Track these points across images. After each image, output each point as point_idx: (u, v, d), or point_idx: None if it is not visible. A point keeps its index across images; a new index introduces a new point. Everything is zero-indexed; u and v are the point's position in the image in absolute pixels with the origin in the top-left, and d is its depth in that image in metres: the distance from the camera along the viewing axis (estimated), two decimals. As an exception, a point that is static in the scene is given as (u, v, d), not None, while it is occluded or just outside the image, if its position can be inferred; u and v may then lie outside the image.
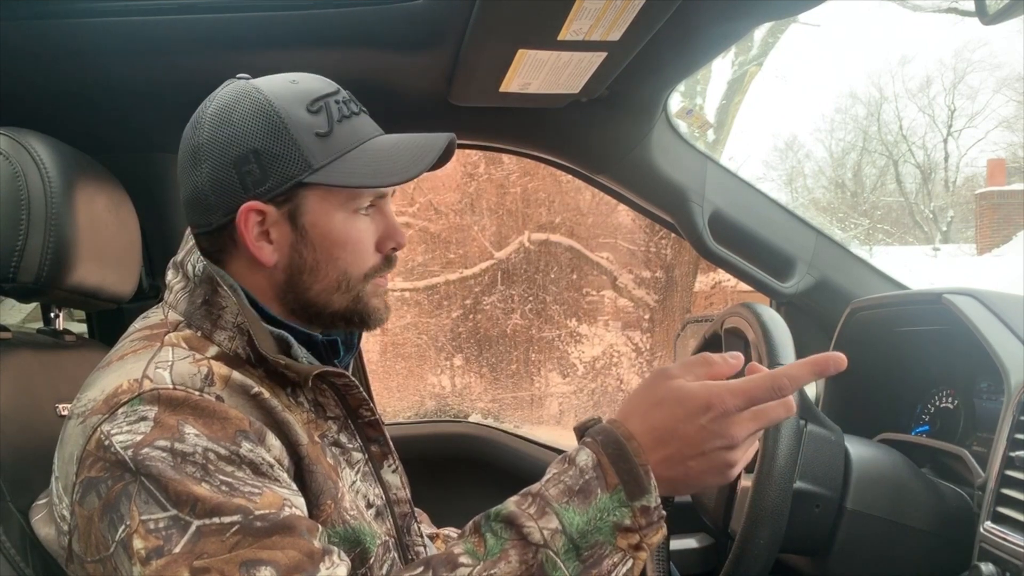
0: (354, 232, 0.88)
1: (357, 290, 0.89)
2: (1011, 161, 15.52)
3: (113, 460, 0.72)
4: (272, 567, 0.70)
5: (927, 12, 8.64)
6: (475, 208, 6.97)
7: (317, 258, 0.87)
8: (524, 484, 1.83)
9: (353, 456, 0.88)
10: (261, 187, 0.83)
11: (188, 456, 0.71)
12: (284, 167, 0.83)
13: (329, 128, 0.84)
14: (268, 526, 0.71)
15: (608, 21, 1.10)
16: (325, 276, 0.87)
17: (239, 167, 0.83)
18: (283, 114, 0.83)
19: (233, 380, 0.79)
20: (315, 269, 0.87)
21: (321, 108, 0.85)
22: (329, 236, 0.87)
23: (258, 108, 0.83)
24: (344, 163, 0.84)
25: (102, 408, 0.75)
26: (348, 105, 0.88)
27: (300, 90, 0.85)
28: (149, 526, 0.69)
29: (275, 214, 0.85)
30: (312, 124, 0.84)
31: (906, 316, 1.34)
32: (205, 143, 0.84)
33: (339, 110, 0.86)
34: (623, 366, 7.11)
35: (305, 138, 0.83)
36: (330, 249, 0.87)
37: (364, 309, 0.90)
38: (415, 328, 6.95)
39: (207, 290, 0.84)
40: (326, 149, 0.84)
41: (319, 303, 0.88)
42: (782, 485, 0.91)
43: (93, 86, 1.29)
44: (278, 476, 0.76)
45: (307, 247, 0.86)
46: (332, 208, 0.86)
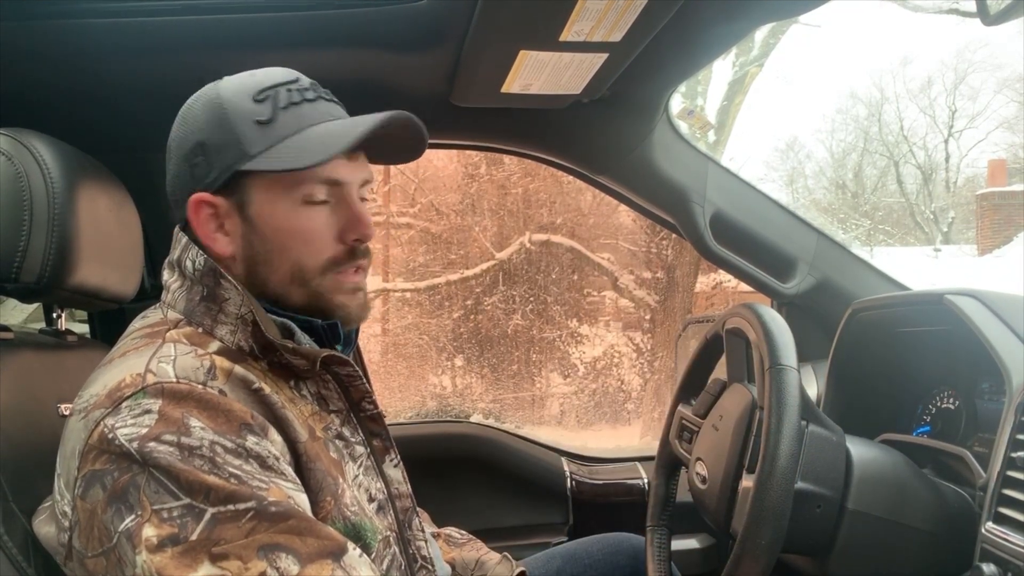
0: (304, 221, 0.86)
1: (315, 284, 0.87)
2: (1012, 162, 15.51)
3: (118, 452, 0.72)
4: (293, 555, 0.70)
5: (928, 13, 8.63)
6: (476, 209, 6.98)
7: (269, 249, 0.86)
8: (524, 484, 1.84)
9: (356, 450, 0.89)
10: (207, 179, 0.85)
11: (195, 449, 0.72)
12: (224, 157, 0.84)
13: (271, 116, 0.84)
14: (284, 511, 0.72)
15: (610, 22, 1.10)
16: (279, 267, 0.86)
17: (189, 160, 0.86)
18: (227, 105, 0.84)
19: (235, 374, 0.79)
20: (268, 260, 0.86)
21: (267, 97, 0.85)
22: (277, 226, 0.85)
23: (207, 102, 0.86)
24: (279, 150, 0.83)
25: (105, 402, 0.75)
26: (303, 92, 0.87)
27: (253, 81, 0.86)
28: (162, 515, 0.69)
29: (225, 205, 0.86)
30: (253, 113, 0.84)
31: (907, 317, 1.34)
32: (171, 141, 0.88)
33: (288, 97, 0.85)
34: (624, 366, 7.12)
35: (244, 127, 0.83)
36: (280, 239, 0.86)
37: (326, 305, 0.88)
38: (416, 328, 6.95)
39: (208, 283, 0.85)
40: (265, 137, 0.83)
41: (278, 295, 0.87)
42: (783, 485, 0.91)
43: (95, 86, 1.29)
44: (283, 470, 0.77)
45: (258, 238, 0.86)
46: (277, 197, 0.85)
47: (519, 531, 1.82)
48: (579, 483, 1.86)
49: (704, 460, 1.13)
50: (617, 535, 1.36)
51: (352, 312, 0.90)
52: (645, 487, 1.84)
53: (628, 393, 7.08)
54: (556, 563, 1.30)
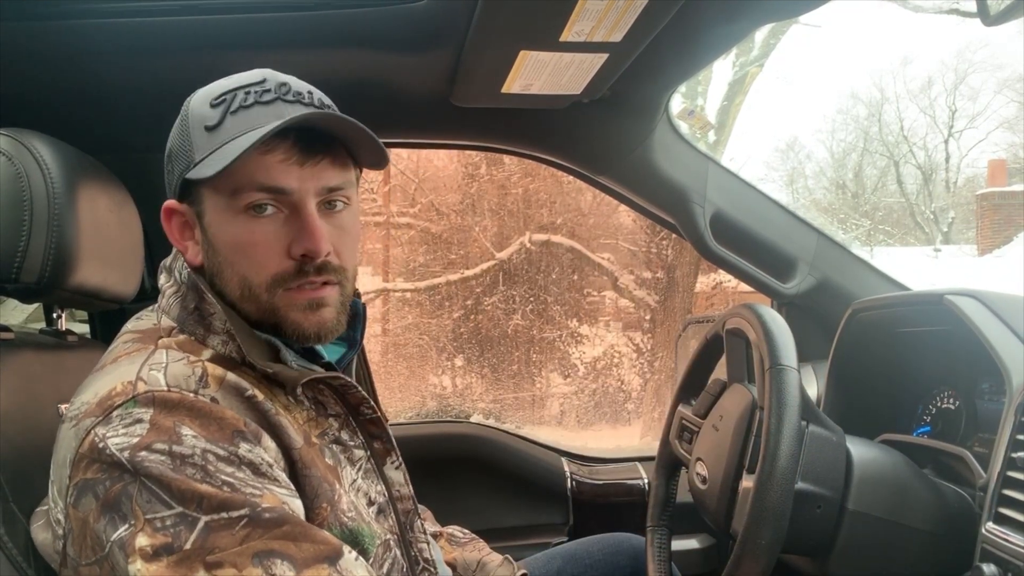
0: (246, 233, 0.80)
1: (264, 300, 0.82)
2: (1012, 162, 15.50)
3: (109, 462, 0.71)
4: (288, 561, 0.70)
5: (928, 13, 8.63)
6: (476, 209, 6.98)
7: (220, 261, 0.83)
8: (525, 484, 1.83)
9: (355, 453, 0.88)
10: (172, 186, 0.85)
11: (187, 458, 0.71)
12: (179, 164, 0.83)
13: (219, 120, 0.80)
14: (277, 517, 0.72)
15: (610, 22, 1.10)
16: (230, 280, 0.83)
17: (166, 167, 0.86)
18: (189, 112, 0.83)
19: (227, 381, 0.78)
20: (221, 273, 0.83)
21: (223, 101, 0.81)
22: (223, 238, 0.82)
23: (182, 110, 0.85)
24: (216, 155, 0.78)
25: (95, 411, 0.75)
26: (261, 95, 0.81)
27: (219, 85, 0.84)
28: (155, 524, 0.69)
29: (189, 213, 0.85)
30: (205, 118, 0.81)
31: (907, 317, 1.34)
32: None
33: (242, 100, 0.80)
34: (624, 367, 7.12)
35: (196, 133, 0.81)
36: (226, 252, 0.82)
37: (279, 322, 0.83)
38: (416, 329, 6.95)
39: (195, 297, 0.84)
40: (209, 142, 0.80)
41: (239, 309, 0.83)
42: (784, 486, 0.91)
43: (95, 87, 1.29)
44: (276, 476, 0.76)
45: (212, 249, 0.83)
46: (222, 206, 0.81)
47: (519, 531, 1.82)
48: (579, 483, 1.86)
49: (704, 460, 1.13)
50: (617, 535, 1.36)
51: (307, 330, 0.83)
52: (645, 487, 1.84)
53: (628, 393, 7.08)
54: (556, 563, 1.30)
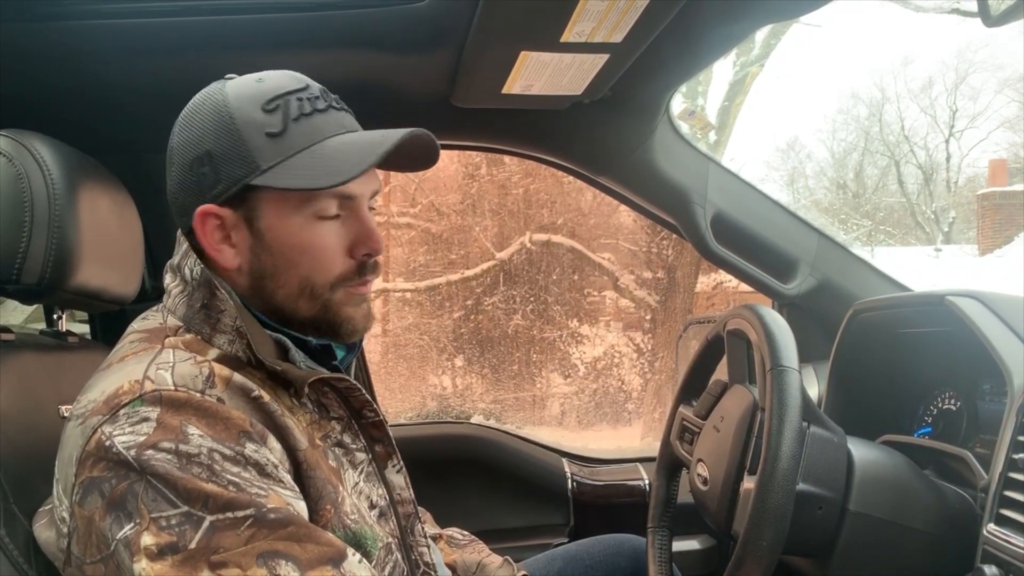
0: (316, 238, 0.84)
1: (325, 298, 0.85)
2: (1013, 162, 15.50)
3: (116, 460, 0.71)
4: (292, 562, 0.70)
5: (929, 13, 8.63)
6: (477, 209, 6.98)
7: (276, 264, 0.84)
8: (525, 485, 1.83)
9: (356, 456, 0.88)
10: (214, 190, 0.82)
11: (193, 457, 0.71)
12: (234, 169, 0.81)
13: (283, 127, 0.81)
14: (283, 518, 0.72)
15: (611, 23, 1.10)
16: (287, 282, 0.84)
17: (195, 169, 0.82)
18: (236, 115, 0.81)
19: (234, 382, 0.78)
20: (275, 275, 0.84)
21: (277, 107, 0.82)
22: (287, 241, 0.83)
23: (214, 110, 0.82)
24: (293, 163, 0.80)
25: (102, 409, 0.75)
26: (314, 102, 0.84)
27: (261, 89, 0.83)
28: (161, 523, 0.69)
29: (232, 217, 0.83)
30: (264, 124, 0.81)
31: (908, 318, 1.33)
32: (175, 146, 0.85)
33: (299, 107, 0.82)
34: (624, 367, 7.12)
35: (255, 138, 0.81)
36: (289, 255, 0.83)
37: (334, 318, 0.86)
38: (417, 329, 6.95)
39: (205, 294, 0.84)
40: (277, 149, 0.81)
41: (286, 309, 0.85)
42: (785, 487, 0.91)
43: (95, 87, 1.29)
44: (281, 478, 0.76)
45: (265, 252, 0.84)
46: (288, 212, 0.83)
47: (520, 532, 1.82)
48: (580, 484, 1.86)
49: (705, 461, 1.13)
50: (618, 536, 1.36)
51: (358, 324, 0.88)
52: (646, 488, 1.84)
53: (628, 393, 7.09)
54: (557, 564, 1.30)
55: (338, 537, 0.78)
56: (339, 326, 0.87)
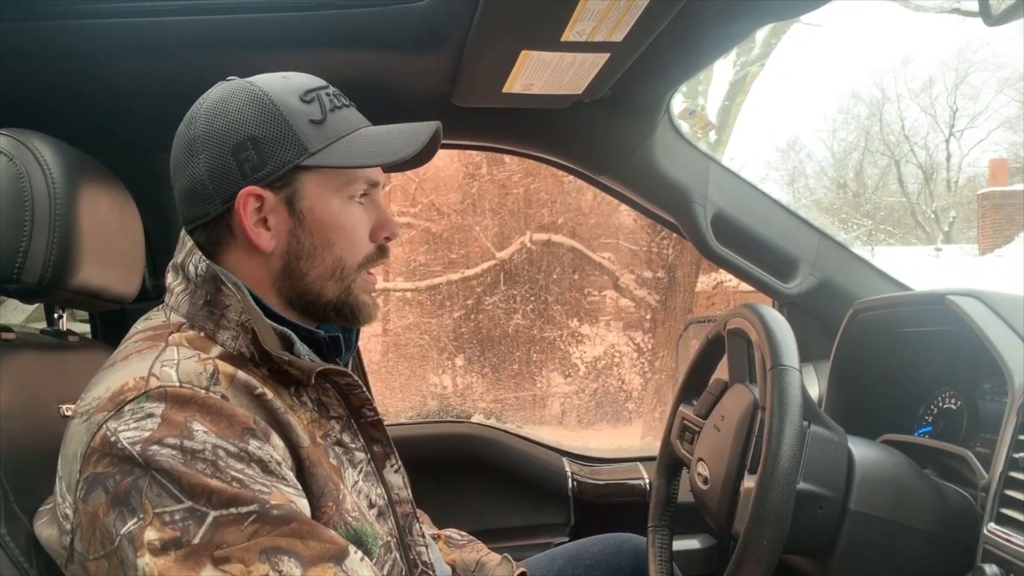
0: (349, 218, 0.90)
1: (350, 280, 0.91)
2: (1013, 161, 15.51)
3: (121, 456, 0.72)
4: (295, 558, 0.71)
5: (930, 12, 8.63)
6: (477, 208, 6.98)
7: (314, 243, 0.88)
8: (526, 485, 1.83)
9: (356, 456, 0.89)
10: (259, 172, 0.85)
11: (198, 453, 0.72)
12: (281, 152, 0.85)
13: (323, 116, 0.87)
14: (286, 514, 0.72)
15: (611, 22, 1.10)
16: (322, 262, 0.89)
17: (237, 154, 0.85)
18: (278, 103, 0.86)
19: (238, 379, 0.79)
20: (312, 255, 0.88)
21: (314, 99, 0.88)
22: (326, 221, 0.88)
23: (254, 98, 0.86)
24: (339, 147, 0.87)
25: (107, 405, 0.75)
26: (339, 98, 0.91)
27: (292, 83, 0.88)
28: (164, 518, 0.69)
29: (273, 199, 0.86)
30: (306, 112, 0.86)
31: (909, 317, 1.33)
32: (201, 135, 0.86)
33: (330, 101, 0.89)
34: (624, 366, 7.12)
35: (300, 124, 0.86)
36: (327, 234, 0.89)
37: (354, 302, 0.92)
38: (417, 328, 6.96)
39: (210, 289, 0.84)
40: (321, 135, 0.86)
41: (314, 291, 0.90)
42: (785, 486, 0.91)
43: (96, 87, 1.29)
44: (284, 475, 0.77)
45: (304, 232, 0.88)
46: (328, 193, 0.88)
47: (520, 531, 1.82)
48: (580, 483, 1.86)
49: (706, 461, 1.13)
50: (618, 535, 1.36)
51: (371, 311, 0.94)
52: (647, 487, 1.84)
53: (629, 393, 7.09)
54: (557, 563, 1.30)
55: (340, 534, 0.79)
56: (359, 309, 0.93)
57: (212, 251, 0.88)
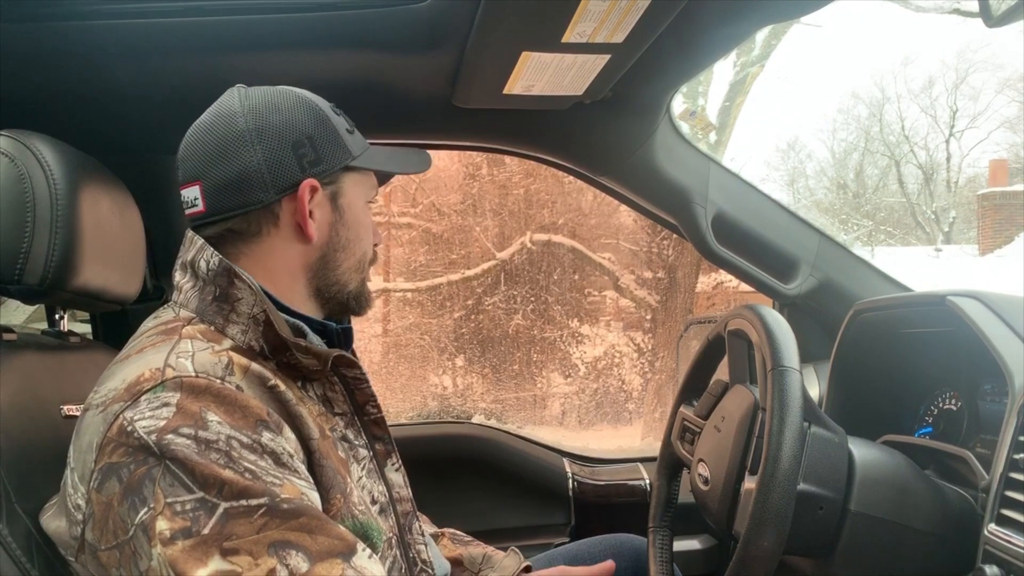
0: (368, 218, 1.01)
1: (365, 272, 1.00)
2: (1013, 162, 15.51)
3: (136, 445, 0.73)
4: (303, 552, 0.71)
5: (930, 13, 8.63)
6: (477, 209, 6.98)
7: (349, 237, 0.97)
8: (526, 485, 1.83)
9: (359, 452, 0.90)
10: (315, 167, 0.92)
11: (212, 443, 0.73)
12: (334, 152, 0.94)
13: (352, 128, 0.99)
14: (295, 508, 0.73)
15: (612, 23, 1.10)
16: (352, 254, 0.97)
17: (296, 149, 0.91)
18: (323, 111, 0.95)
19: (251, 371, 0.81)
20: (347, 247, 0.97)
21: (341, 113, 0.99)
22: (358, 218, 0.98)
23: (304, 103, 0.94)
24: (370, 154, 0.99)
25: (124, 396, 0.76)
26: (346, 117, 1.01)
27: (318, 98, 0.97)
28: (175, 508, 0.70)
29: (322, 194, 0.94)
30: (341, 122, 0.97)
31: (910, 318, 1.33)
32: (253, 129, 0.89)
33: (347, 120, 0.99)
34: (625, 366, 7.12)
35: (342, 132, 0.96)
36: (358, 230, 0.98)
37: (366, 291, 1.02)
38: (417, 328, 6.95)
39: (221, 284, 0.86)
40: (355, 143, 0.97)
41: (342, 281, 0.97)
42: (786, 487, 0.91)
43: (97, 88, 1.29)
44: (296, 467, 0.78)
45: (343, 226, 0.96)
46: (360, 194, 0.99)
47: (521, 532, 1.82)
48: (581, 484, 1.86)
49: (706, 461, 1.13)
50: (619, 536, 1.37)
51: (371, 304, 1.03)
52: (647, 488, 1.84)
53: (629, 393, 7.09)
54: (558, 564, 1.30)
55: (347, 527, 0.80)
56: (367, 299, 1.02)
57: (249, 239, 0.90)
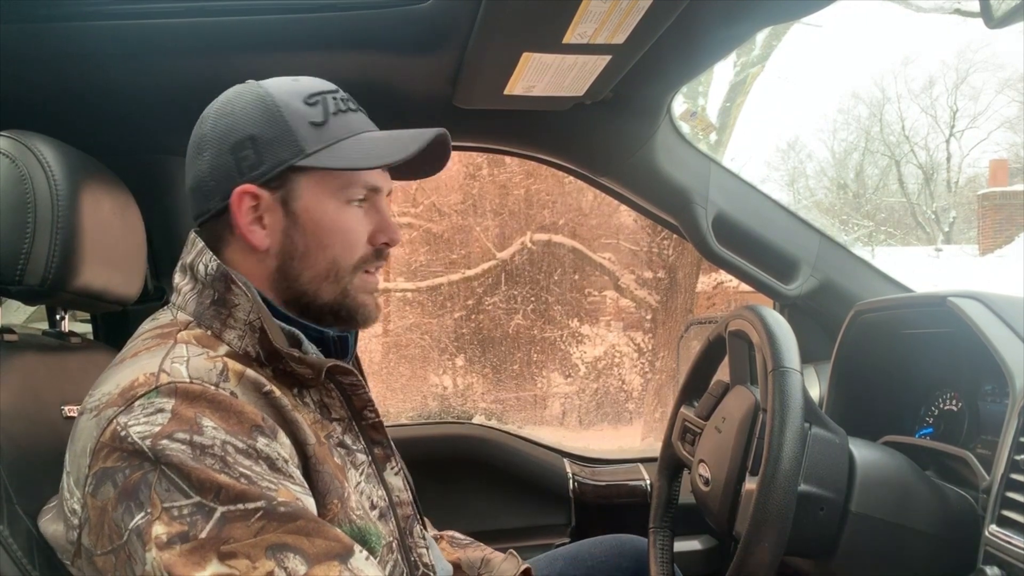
0: (346, 221, 0.90)
1: (346, 281, 0.91)
2: (1013, 162, 15.51)
3: (130, 450, 0.72)
4: (301, 555, 0.71)
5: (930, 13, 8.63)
6: (478, 209, 6.98)
7: (308, 244, 0.89)
8: (527, 486, 1.83)
9: (357, 458, 0.89)
10: (256, 171, 0.87)
11: (207, 448, 0.72)
12: (278, 152, 0.86)
13: (324, 119, 0.88)
14: (292, 511, 0.73)
15: (613, 24, 1.10)
16: (315, 263, 0.89)
17: (236, 152, 0.87)
18: (280, 104, 0.87)
19: (247, 377, 0.80)
20: (306, 255, 0.89)
21: (318, 101, 0.89)
22: (320, 223, 0.89)
23: (257, 99, 0.88)
24: (336, 150, 0.88)
25: (117, 401, 0.76)
26: (346, 102, 0.92)
27: (300, 86, 0.90)
28: (172, 512, 0.70)
29: (268, 198, 0.88)
30: (308, 114, 0.88)
31: (910, 319, 1.34)
32: (207, 133, 0.89)
33: (336, 105, 0.90)
34: (625, 366, 7.12)
35: (300, 126, 0.87)
36: (321, 236, 0.89)
37: (352, 303, 0.92)
38: (418, 329, 6.95)
39: (219, 288, 0.85)
40: (320, 137, 0.87)
41: (309, 292, 0.90)
42: (787, 488, 0.91)
43: (98, 89, 1.29)
44: (291, 472, 0.77)
45: (298, 232, 0.89)
46: (325, 195, 0.89)
47: (521, 533, 1.82)
48: (581, 484, 1.86)
49: (707, 462, 1.13)
50: (620, 536, 1.37)
51: (371, 312, 0.94)
52: (648, 488, 1.84)
53: (629, 393, 7.09)
54: (559, 564, 1.30)
55: (344, 532, 0.79)
56: (356, 311, 0.93)
57: (216, 247, 0.89)
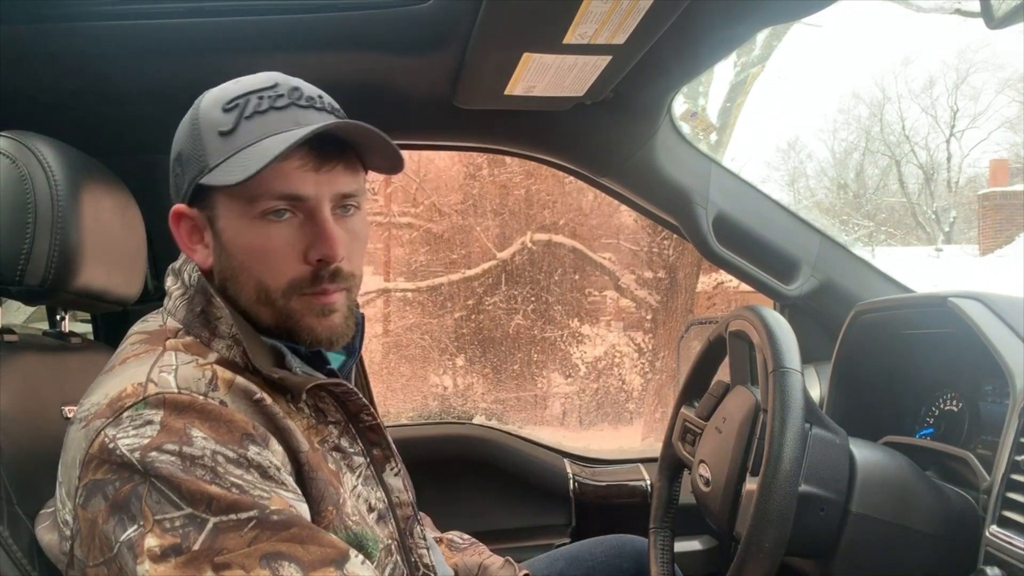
0: (263, 239, 0.81)
1: (280, 305, 0.82)
2: (1014, 162, 15.48)
3: (119, 463, 0.71)
4: (295, 563, 0.70)
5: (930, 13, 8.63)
6: (478, 209, 6.97)
7: (233, 266, 0.83)
8: (527, 486, 1.83)
9: (354, 460, 0.88)
10: (180, 191, 0.85)
11: (197, 459, 0.71)
12: (189, 169, 0.83)
13: (233, 126, 0.80)
14: (285, 519, 0.72)
15: (613, 25, 1.10)
16: (244, 286, 0.83)
17: (174, 171, 0.86)
18: (201, 115, 0.83)
19: (236, 385, 0.79)
20: (234, 278, 0.83)
21: (236, 106, 0.81)
22: (238, 242, 0.82)
23: (190, 113, 0.85)
24: (234, 161, 0.78)
25: (106, 412, 0.75)
26: (274, 100, 0.81)
27: (230, 89, 0.83)
28: (164, 525, 0.69)
29: (199, 218, 0.85)
30: (219, 123, 0.81)
31: (911, 319, 1.33)
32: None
33: (256, 105, 0.80)
34: (625, 366, 7.11)
35: (210, 138, 0.81)
36: (241, 257, 0.82)
37: (296, 326, 0.83)
38: (418, 329, 6.95)
39: (202, 301, 0.84)
40: (225, 148, 0.80)
41: (251, 315, 0.84)
42: (787, 488, 0.91)
43: (98, 89, 1.29)
44: (284, 480, 0.76)
45: (225, 254, 0.83)
46: (237, 212, 0.81)
47: (522, 533, 1.82)
48: (581, 485, 1.86)
49: (707, 462, 1.13)
50: (620, 537, 1.36)
51: (320, 335, 0.84)
52: (648, 489, 1.84)
53: (629, 393, 7.08)
54: (559, 565, 1.30)
55: (340, 538, 0.78)
56: (298, 335, 0.84)
57: None
